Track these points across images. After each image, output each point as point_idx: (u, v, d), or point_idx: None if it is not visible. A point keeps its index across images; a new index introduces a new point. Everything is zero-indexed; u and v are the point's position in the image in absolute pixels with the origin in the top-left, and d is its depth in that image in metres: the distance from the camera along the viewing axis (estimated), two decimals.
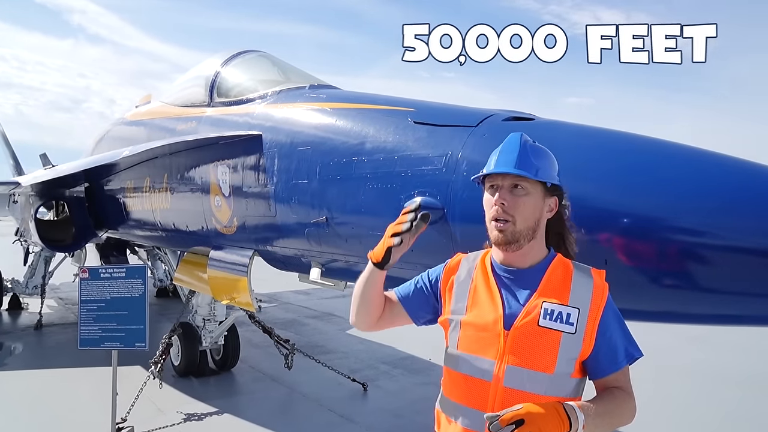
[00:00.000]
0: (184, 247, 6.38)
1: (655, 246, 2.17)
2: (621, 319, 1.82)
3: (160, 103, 6.80)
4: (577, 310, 1.72)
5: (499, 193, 1.80)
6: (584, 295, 1.76)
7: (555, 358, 1.70)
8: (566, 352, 1.71)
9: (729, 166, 2.25)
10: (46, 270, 10.97)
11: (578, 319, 1.72)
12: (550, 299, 1.75)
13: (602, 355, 1.75)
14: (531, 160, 1.81)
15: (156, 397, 5.88)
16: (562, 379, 1.73)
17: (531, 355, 1.72)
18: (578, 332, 1.71)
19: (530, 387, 1.71)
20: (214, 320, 6.84)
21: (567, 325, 1.71)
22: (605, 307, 1.77)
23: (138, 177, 6.37)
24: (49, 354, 8.16)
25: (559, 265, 1.84)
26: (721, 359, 8.03)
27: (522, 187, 1.79)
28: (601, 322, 1.75)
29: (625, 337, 1.80)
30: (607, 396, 1.76)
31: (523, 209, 1.78)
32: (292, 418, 5.63)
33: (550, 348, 1.71)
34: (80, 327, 5.29)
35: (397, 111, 3.38)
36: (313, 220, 3.60)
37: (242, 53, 5.51)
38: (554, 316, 1.72)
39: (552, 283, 1.78)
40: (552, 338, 1.71)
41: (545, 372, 1.70)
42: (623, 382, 1.80)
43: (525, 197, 1.79)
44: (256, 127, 4.37)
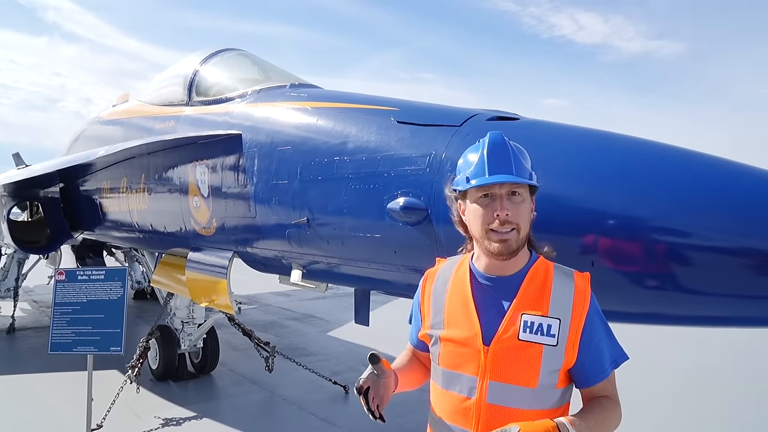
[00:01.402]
0: (162, 249, 6.26)
1: (640, 247, 2.15)
2: (606, 324, 1.76)
3: (137, 102, 6.68)
4: (558, 321, 1.66)
5: (501, 203, 1.70)
6: (565, 303, 1.68)
7: (538, 371, 1.65)
8: (549, 364, 1.66)
9: (713, 165, 2.23)
10: (20, 272, 10.71)
11: (559, 330, 1.65)
12: (530, 310, 1.68)
13: (588, 364, 1.70)
14: (522, 162, 1.74)
15: (133, 402, 5.76)
16: (546, 392, 1.68)
17: (513, 371, 1.67)
18: (560, 344, 1.65)
19: (514, 402, 1.66)
20: (192, 323, 6.73)
21: (548, 337, 1.65)
22: (588, 314, 1.69)
23: (115, 177, 6.25)
24: (21, 358, 7.97)
25: (539, 269, 1.76)
26: (705, 359, 8.11)
27: (519, 194, 1.72)
28: (584, 330, 1.68)
29: (610, 342, 1.74)
30: (596, 408, 1.71)
31: (523, 216, 1.72)
32: (272, 421, 5.55)
33: (531, 362, 1.65)
34: (52, 331, 5.15)
35: (380, 110, 3.33)
36: (294, 221, 3.54)
37: (221, 52, 5.43)
38: (534, 328, 1.66)
39: (531, 291, 1.71)
40: (533, 352, 1.65)
41: (528, 386, 1.66)
42: (610, 390, 1.75)
43: (523, 204, 1.72)
44: (235, 126, 4.29)
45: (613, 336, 1.76)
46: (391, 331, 8.64)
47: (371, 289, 3.68)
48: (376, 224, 3.03)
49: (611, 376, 1.75)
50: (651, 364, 7.67)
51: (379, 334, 8.30)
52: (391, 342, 8.12)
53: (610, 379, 1.75)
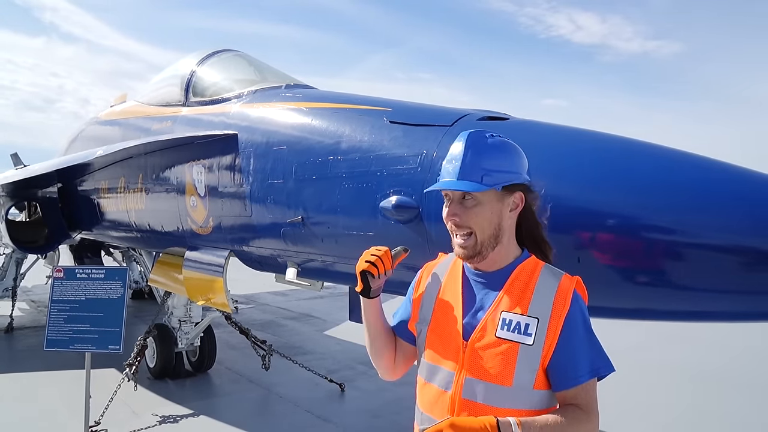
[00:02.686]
0: (159, 248, 6.31)
1: (629, 244, 2.20)
2: (590, 331, 1.69)
3: (135, 103, 6.73)
4: (536, 320, 1.63)
5: (450, 207, 1.72)
6: (545, 303, 1.65)
7: (512, 370, 1.63)
8: (525, 364, 1.63)
9: (700, 165, 2.28)
10: (18, 272, 10.74)
11: (537, 330, 1.62)
12: (510, 308, 1.67)
13: (561, 367, 1.64)
14: (479, 164, 1.68)
15: (130, 399, 5.81)
16: (522, 392, 1.64)
17: (488, 368, 1.65)
18: (536, 343, 1.62)
19: (488, 399, 1.65)
20: (190, 321, 6.77)
21: (525, 336, 1.63)
22: (568, 316, 1.64)
23: (112, 177, 6.30)
24: (19, 357, 8.01)
25: (526, 268, 1.74)
26: (697, 356, 8.17)
27: (471, 197, 1.69)
28: (562, 332, 1.63)
29: (591, 350, 1.66)
30: (558, 414, 1.63)
31: (477, 220, 1.69)
32: (269, 419, 5.60)
33: (507, 360, 1.63)
34: (48, 327, 5.15)
35: (374, 111, 3.39)
36: (289, 219, 3.59)
37: (218, 52, 5.48)
38: (512, 326, 1.64)
39: (514, 289, 1.70)
40: (509, 350, 1.64)
41: (503, 384, 1.63)
42: (583, 400, 1.65)
43: (476, 207, 1.69)
44: (231, 126, 4.35)
45: (598, 346, 1.69)
46: None
47: None
48: (369, 222, 3.08)
49: (587, 385, 1.65)
50: (641, 362, 7.74)
51: None
52: None
53: (584, 388, 1.65)
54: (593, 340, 1.68)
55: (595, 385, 1.67)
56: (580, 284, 1.73)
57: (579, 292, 1.71)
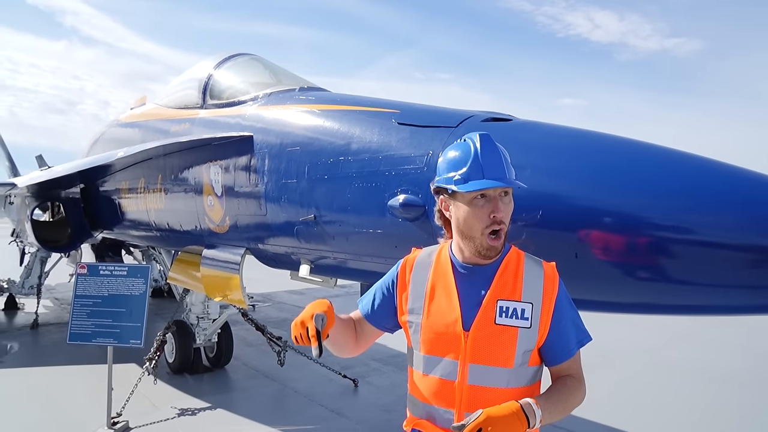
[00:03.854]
0: (177, 247, 6.48)
1: (625, 240, 2.29)
2: (573, 307, 1.88)
3: (154, 105, 6.91)
4: (530, 305, 1.79)
5: (496, 204, 1.79)
6: (536, 288, 1.82)
7: (513, 352, 1.78)
8: (523, 345, 1.79)
9: (697, 164, 2.37)
10: (42, 270, 11.06)
11: (532, 314, 1.79)
12: (505, 297, 1.81)
13: (555, 344, 1.83)
14: (510, 164, 1.84)
15: (150, 393, 5.98)
16: (520, 371, 1.81)
17: (491, 353, 1.79)
18: (533, 326, 1.79)
19: (493, 382, 1.79)
20: (207, 318, 6.95)
21: (522, 321, 1.78)
22: (557, 298, 1.82)
23: (133, 178, 6.47)
24: (44, 352, 8.25)
25: (512, 258, 1.88)
26: (706, 356, 8.17)
27: (509, 194, 1.83)
28: (554, 313, 1.81)
29: (576, 324, 1.87)
30: (560, 387, 1.84)
31: (509, 216, 1.84)
32: (284, 412, 5.74)
33: (508, 344, 1.78)
34: (71, 322, 5.33)
35: (383, 113, 3.50)
36: (302, 218, 3.72)
37: (234, 56, 5.63)
38: (509, 312, 1.79)
39: (505, 278, 1.83)
40: (510, 334, 1.78)
41: (505, 367, 1.78)
42: (574, 369, 1.87)
43: (510, 204, 1.84)
44: (247, 128, 4.49)
45: (580, 319, 1.90)
46: None
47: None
48: (378, 221, 3.20)
49: (576, 355, 1.88)
50: (651, 362, 7.76)
51: None
52: (399, 337, 8.34)
53: (575, 359, 1.87)
54: (576, 316, 1.89)
55: (579, 354, 1.90)
56: (555, 268, 1.91)
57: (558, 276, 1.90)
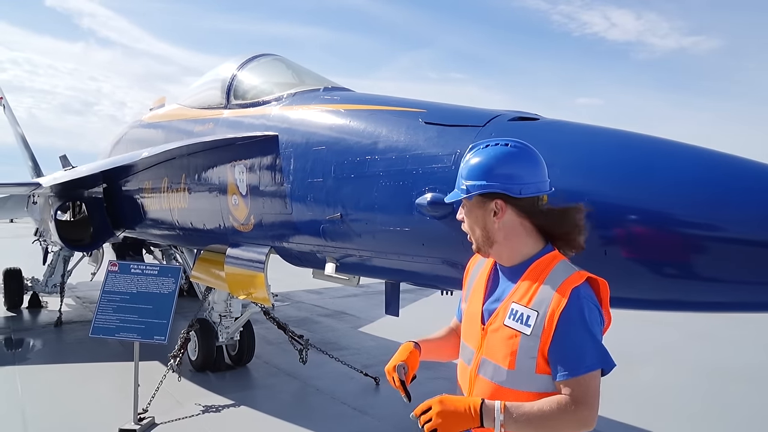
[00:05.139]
0: (201, 246, 6.55)
1: (656, 238, 2.31)
2: (586, 326, 1.75)
3: (177, 106, 6.99)
4: (536, 313, 1.78)
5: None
6: (546, 298, 1.78)
7: (515, 355, 1.81)
8: (525, 350, 1.79)
9: (723, 161, 2.38)
10: (65, 269, 11.21)
11: (535, 322, 1.77)
12: (519, 300, 1.84)
13: (554, 359, 1.76)
14: (460, 179, 1.95)
15: (174, 390, 6.06)
16: (524, 376, 1.80)
17: (496, 350, 1.87)
18: (533, 334, 1.77)
19: (495, 378, 1.87)
20: (230, 316, 7.02)
21: (525, 326, 1.79)
22: (564, 313, 1.73)
23: (156, 177, 6.56)
24: (69, 350, 8.36)
25: (541, 264, 1.87)
26: (724, 355, 8.11)
27: (463, 205, 1.98)
28: (558, 325, 1.74)
29: (586, 346, 1.74)
30: (548, 402, 1.74)
31: (469, 223, 1.97)
32: (307, 410, 5.78)
33: (510, 346, 1.82)
34: (96, 315, 5.39)
35: (409, 112, 3.53)
36: (328, 216, 3.76)
37: (258, 57, 5.69)
38: (517, 316, 1.82)
39: (526, 283, 1.86)
40: (513, 338, 1.82)
41: (506, 367, 1.83)
42: (574, 392, 1.72)
43: (467, 212, 1.97)
44: (272, 128, 4.53)
45: (591, 342, 1.75)
46: (419, 326, 8.88)
47: (401, 281, 3.88)
48: (405, 219, 3.23)
49: (579, 379, 1.73)
50: (670, 361, 7.71)
51: (406, 329, 8.53)
52: (420, 337, 8.35)
53: (576, 381, 1.73)
54: (588, 337, 1.75)
55: (590, 379, 1.73)
56: (596, 282, 1.83)
57: (587, 290, 1.80)
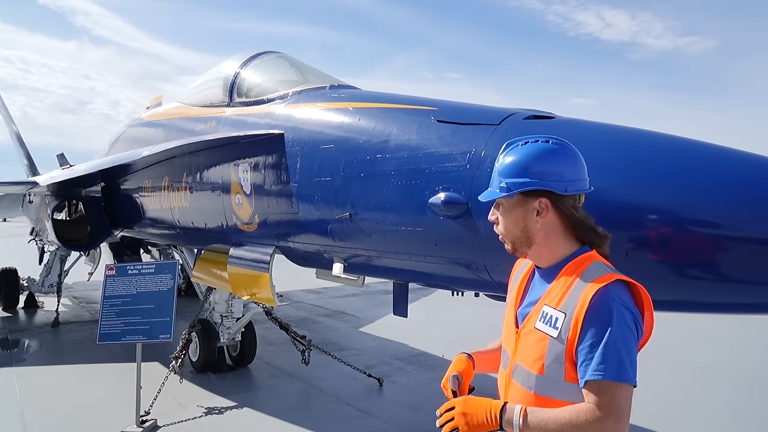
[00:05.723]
0: (202, 245, 6.48)
1: (674, 238, 2.27)
2: (611, 331, 1.62)
3: (177, 104, 6.91)
4: (563, 315, 1.71)
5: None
6: (573, 300, 1.70)
7: (543, 360, 1.74)
8: (552, 355, 1.72)
9: (745, 161, 2.33)
10: (62, 269, 11.11)
11: (562, 324, 1.70)
12: (550, 302, 1.77)
13: (578, 362, 1.67)
14: (498, 177, 1.86)
15: (176, 391, 5.99)
16: (554, 382, 1.72)
17: (527, 355, 1.80)
18: (560, 336, 1.70)
19: (526, 383, 1.79)
20: (231, 317, 6.95)
21: (553, 329, 1.72)
22: (587, 317, 1.65)
23: (156, 176, 6.47)
24: (67, 350, 8.28)
25: (575, 264, 1.79)
26: (729, 356, 8.10)
27: (500, 204, 1.90)
28: (582, 327, 1.66)
29: (607, 351, 1.61)
30: (569, 410, 1.65)
31: (504, 224, 1.89)
32: (311, 411, 5.73)
33: (540, 350, 1.75)
34: (101, 322, 5.36)
35: (421, 110, 3.48)
36: (337, 216, 3.69)
37: (261, 54, 5.62)
38: (547, 319, 1.75)
39: (558, 284, 1.79)
40: (542, 341, 1.75)
41: (536, 372, 1.75)
42: (598, 400, 1.61)
43: (504, 213, 1.89)
44: (277, 126, 4.47)
45: (620, 349, 1.62)
46: (419, 326, 8.84)
47: (412, 282, 3.83)
48: (418, 218, 3.17)
49: (603, 386, 1.61)
50: (674, 362, 7.69)
51: (408, 329, 8.50)
52: (421, 337, 8.34)
53: (600, 388, 1.61)
54: (617, 341, 1.62)
55: (616, 387, 1.60)
56: (636, 288, 1.72)
57: (618, 290, 1.68)
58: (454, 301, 4.75)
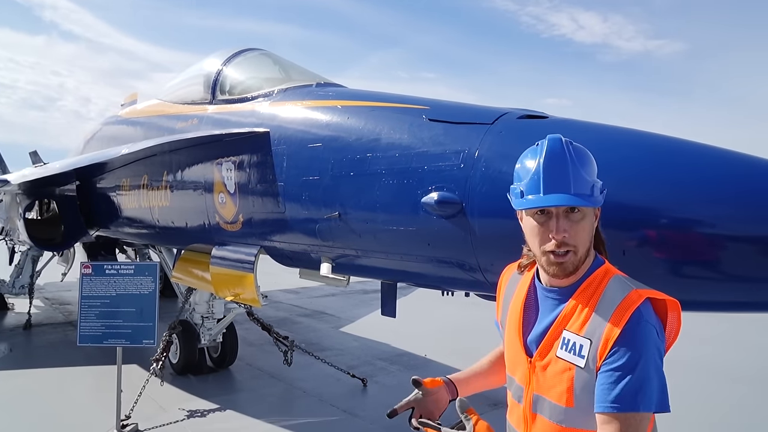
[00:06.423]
0: (182, 245, 6.35)
1: (669, 237, 2.27)
2: (643, 359, 1.45)
3: (156, 101, 6.78)
4: (588, 342, 1.51)
5: (557, 223, 1.54)
6: (601, 322, 1.51)
7: (572, 391, 1.54)
8: (582, 386, 1.52)
9: (737, 160, 2.35)
10: (34, 269, 10.81)
11: (589, 352, 1.50)
12: (571, 326, 1.57)
13: (597, 386, 1.50)
14: (582, 174, 1.55)
15: (156, 394, 5.87)
16: (586, 413, 1.51)
17: (550, 386, 1.60)
18: (588, 366, 1.51)
19: (554, 417, 1.59)
20: (212, 318, 6.85)
21: (579, 358, 1.52)
22: (617, 340, 1.46)
23: (135, 175, 6.34)
24: (41, 354, 8.06)
25: (595, 281, 1.60)
26: (722, 355, 8.22)
27: (578, 210, 1.56)
28: (609, 355, 1.47)
29: (634, 380, 1.44)
30: None
31: (582, 236, 1.57)
32: (295, 413, 5.66)
33: (566, 381, 1.56)
34: (80, 323, 5.21)
35: (412, 109, 3.44)
36: (326, 215, 3.64)
37: (244, 51, 5.54)
38: (569, 346, 1.55)
39: (578, 305, 1.58)
40: (568, 371, 1.55)
41: (564, 405, 1.56)
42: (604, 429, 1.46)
43: (582, 221, 1.57)
44: (263, 124, 4.39)
45: (652, 377, 1.46)
46: (401, 326, 8.81)
47: (403, 282, 3.79)
48: (410, 218, 3.13)
49: (620, 417, 1.44)
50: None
51: (390, 329, 8.46)
52: (403, 337, 8.31)
53: (618, 420, 1.44)
54: (648, 369, 1.45)
55: (640, 420, 1.44)
56: (642, 300, 1.51)
57: (649, 312, 1.51)
58: (435, 301, 4.75)
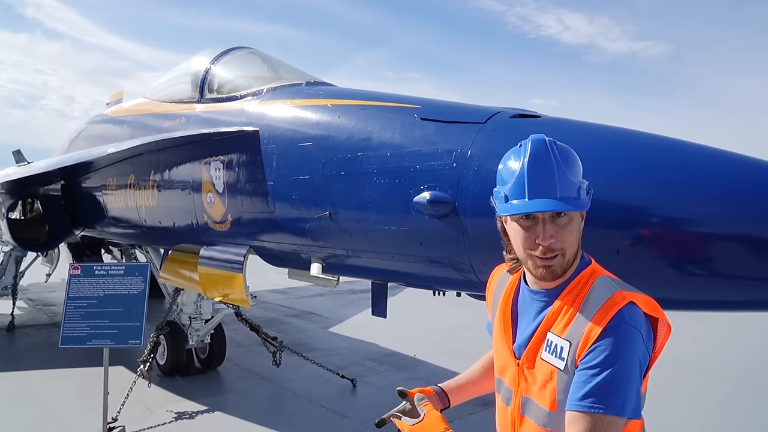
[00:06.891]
0: (170, 245, 6.29)
1: (662, 235, 2.27)
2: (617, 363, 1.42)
3: (143, 100, 6.71)
4: (569, 344, 1.49)
5: (545, 229, 1.51)
6: (582, 323, 1.49)
7: (555, 394, 1.53)
8: (564, 389, 1.50)
9: (728, 160, 2.36)
10: (17, 270, 10.65)
11: (568, 354, 1.49)
12: (555, 329, 1.56)
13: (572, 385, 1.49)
14: (568, 177, 1.51)
15: (143, 396, 5.80)
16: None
17: (536, 389, 1.59)
18: (567, 368, 1.49)
19: (540, 421, 1.58)
20: (200, 318, 6.78)
21: (559, 360, 1.51)
22: (597, 339, 1.44)
23: (121, 174, 6.27)
24: (24, 356, 7.93)
25: (580, 282, 1.58)
26: (709, 354, 8.27)
27: (566, 215, 1.52)
28: (586, 356, 1.45)
29: (607, 382, 1.41)
30: None
31: (569, 239, 1.54)
32: (284, 414, 5.62)
33: (549, 383, 1.55)
34: (64, 324, 5.10)
35: (403, 108, 3.42)
36: (317, 215, 3.61)
37: (232, 50, 5.50)
38: (552, 348, 1.54)
39: (562, 306, 1.57)
40: (550, 374, 1.54)
41: (548, 408, 1.55)
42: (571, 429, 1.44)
43: (569, 225, 1.53)
44: (252, 123, 4.35)
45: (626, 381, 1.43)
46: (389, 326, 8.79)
47: (394, 282, 3.78)
48: (402, 217, 3.11)
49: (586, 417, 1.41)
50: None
51: (379, 329, 8.45)
52: (391, 337, 8.29)
53: (582, 418, 1.42)
54: (623, 372, 1.42)
55: (608, 423, 1.40)
56: (626, 302, 1.47)
57: (632, 314, 1.47)
58: (424, 301, 4.74)
